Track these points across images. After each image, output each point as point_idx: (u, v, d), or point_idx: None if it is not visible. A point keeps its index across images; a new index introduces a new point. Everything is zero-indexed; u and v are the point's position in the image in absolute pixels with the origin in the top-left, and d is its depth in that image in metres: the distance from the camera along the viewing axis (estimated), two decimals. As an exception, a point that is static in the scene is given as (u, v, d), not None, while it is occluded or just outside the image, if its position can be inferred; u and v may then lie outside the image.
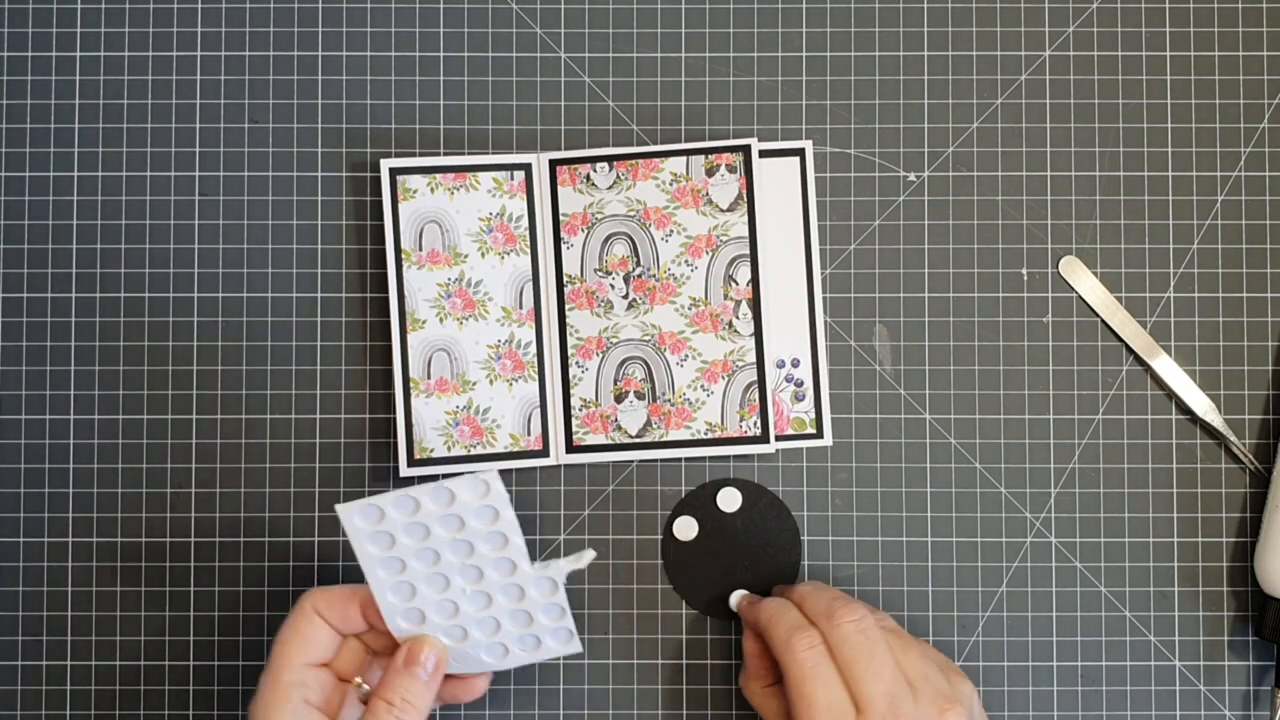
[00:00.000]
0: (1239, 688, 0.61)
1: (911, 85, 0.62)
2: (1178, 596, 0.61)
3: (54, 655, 0.61)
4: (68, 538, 0.61)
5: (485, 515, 0.52)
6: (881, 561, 0.61)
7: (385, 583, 0.53)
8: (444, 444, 0.60)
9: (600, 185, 0.61)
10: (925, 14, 0.62)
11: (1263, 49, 0.62)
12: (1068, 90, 0.62)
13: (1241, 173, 0.62)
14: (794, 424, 0.61)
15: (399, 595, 0.53)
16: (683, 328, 0.61)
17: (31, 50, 0.62)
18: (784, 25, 0.62)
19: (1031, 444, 0.61)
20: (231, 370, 0.62)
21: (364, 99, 0.62)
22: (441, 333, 0.61)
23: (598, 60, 0.62)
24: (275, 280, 0.62)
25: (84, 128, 0.62)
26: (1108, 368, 0.62)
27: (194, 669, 0.61)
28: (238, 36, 0.62)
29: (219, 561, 0.61)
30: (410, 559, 0.52)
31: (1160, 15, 0.62)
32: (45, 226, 0.62)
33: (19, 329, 0.62)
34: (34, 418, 0.61)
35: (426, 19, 0.62)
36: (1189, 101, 0.62)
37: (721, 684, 0.61)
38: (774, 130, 0.62)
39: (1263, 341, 0.62)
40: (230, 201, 0.62)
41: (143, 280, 0.62)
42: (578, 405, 0.61)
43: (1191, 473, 0.61)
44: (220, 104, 0.62)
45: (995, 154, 0.62)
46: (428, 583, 0.53)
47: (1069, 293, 0.62)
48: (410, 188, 0.61)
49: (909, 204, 0.62)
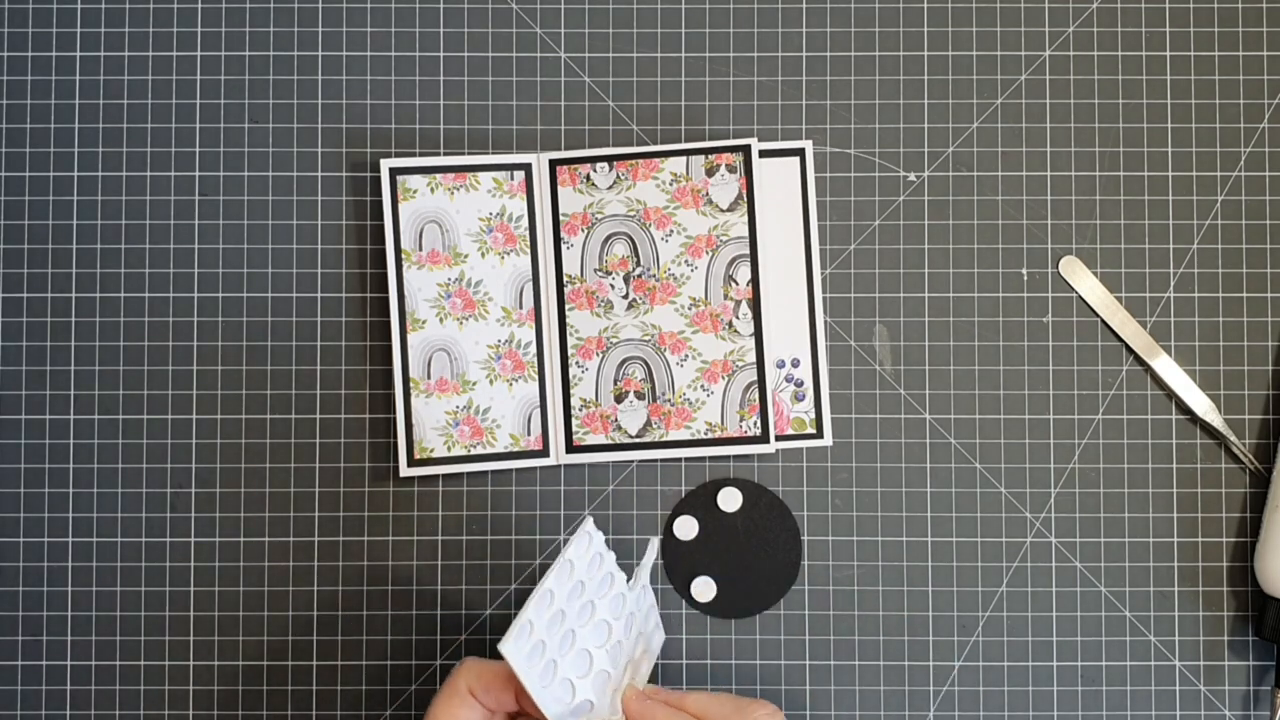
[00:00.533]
0: (1239, 688, 0.61)
1: (911, 85, 0.62)
2: (1178, 596, 0.61)
3: (54, 655, 0.61)
4: (68, 538, 0.61)
5: (595, 567, 0.52)
6: (881, 561, 0.61)
7: (551, 696, 0.51)
8: (444, 444, 0.60)
9: (600, 185, 0.61)
10: (925, 14, 0.62)
11: (1263, 49, 0.62)
12: (1068, 90, 0.62)
13: (1241, 173, 0.62)
14: (794, 424, 0.61)
15: (561, 703, 0.51)
16: (683, 328, 0.61)
17: (31, 50, 0.62)
18: (784, 25, 0.62)
19: (1031, 444, 0.61)
20: (231, 370, 0.62)
21: (364, 99, 0.62)
22: (441, 333, 0.61)
23: (598, 60, 0.62)
24: (275, 280, 0.62)
25: (84, 128, 0.62)
26: (1108, 368, 0.62)
27: (194, 669, 0.61)
28: (238, 36, 0.62)
29: (219, 561, 0.61)
30: (557, 656, 0.51)
31: (1160, 15, 0.62)
32: (45, 226, 0.62)
33: (19, 329, 0.62)
34: (34, 418, 0.61)
35: (426, 19, 0.62)
36: (1189, 101, 0.62)
37: (723, 684, 0.61)
38: (774, 130, 0.62)
39: (1263, 341, 0.62)
40: (230, 201, 0.62)
41: (143, 280, 0.62)
42: (578, 405, 0.61)
43: (1191, 473, 0.61)
44: (220, 104, 0.62)
45: (995, 154, 0.62)
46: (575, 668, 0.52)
47: (1069, 293, 0.62)
48: (410, 188, 0.61)
49: (909, 204, 0.62)
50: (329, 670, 0.61)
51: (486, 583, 0.61)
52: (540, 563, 0.61)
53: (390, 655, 0.61)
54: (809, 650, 0.61)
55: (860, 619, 0.61)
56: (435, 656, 0.61)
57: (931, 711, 0.61)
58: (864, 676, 0.61)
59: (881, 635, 0.61)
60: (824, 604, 0.61)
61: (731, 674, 0.61)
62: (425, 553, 0.61)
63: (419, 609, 0.61)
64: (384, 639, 0.61)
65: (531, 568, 0.61)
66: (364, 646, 0.61)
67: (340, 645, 0.61)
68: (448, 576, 0.61)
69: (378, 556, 0.61)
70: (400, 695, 0.61)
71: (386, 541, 0.61)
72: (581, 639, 0.52)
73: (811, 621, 0.61)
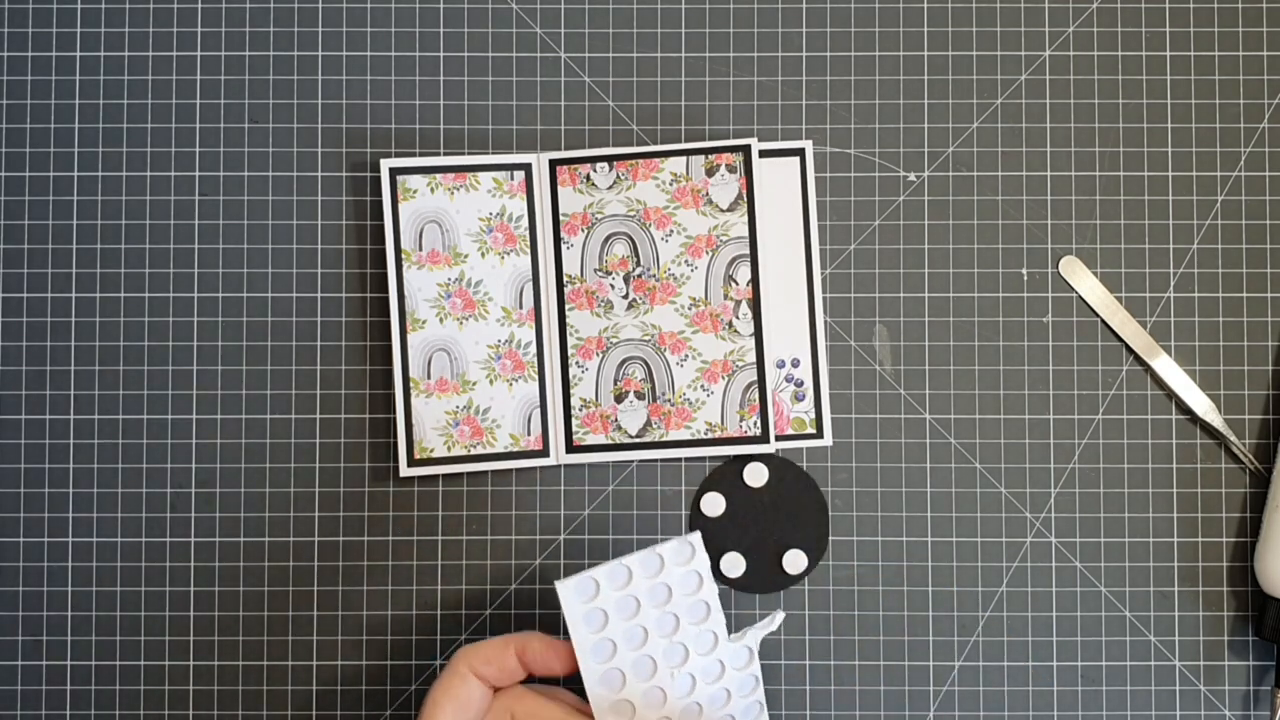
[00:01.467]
0: (1239, 688, 0.61)
1: (911, 85, 0.62)
2: (1178, 596, 0.61)
3: (54, 655, 0.61)
4: (68, 538, 0.61)
5: (690, 582, 0.52)
6: (881, 561, 0.61)
7: (596, 673, 0.51)
8: (444, 444, 0.60)
9: (600, 185, 0.61)
10: (925, 14, 0.62)
11: (1263, 49, 0.62)
12: (1068, 90, 0.62)
13: (1241, 173, 0.62)
14: (794, 424, 0.61)
15: (608, 686, 0.52)
16: (683, 328, 0.61)
17: (31, 50, 0.62)
18: (784, 25, 0.62)
19: (1031, 444, 0.61)
20: (231, 370, 0.62)
21: (364, 99, 0.62)
22: (441, 333, 0.61)
23: (598, 60, 0.62)
24: (275, 280, 0.62)
25: (84, 128, 0.62)
26: (1108, 368, 0.62)
27: (194, 669, 0.61)
28: (238, 36, 0.62)
29: (219, 561, 0.61)
30: (620, 640, 0.51)
31: (1160, 15, 0.62)
32: (45, 226, 0.62)
33: (19, 329, 0.62)
34: (34, 418, 0.61)
35: (426, 19, 0.62)
36: (1189, 101, 0.62)
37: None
38: (774, 130, 0.62)
39: (1263, 341, 0.62)
40: (230, 201, 0.62)
41: (143, 280, 0.62)
42: (578, 405, 0.61)
43: (1191, 473, 0.61)
44: (220, 104, 0.62)
45: (995, 154, 0.62)
46: (635, 669, 0.52)
47: (1069, 293, 0.62)
48: (410, 188, 0.61)
49: (909, 204, 0.62)
50: (329, 670, 0.61)
51: (486, 583, 0.61)
52: (540, 563, 0.61)
53: (390, 655, 0.61)
54: (809, 650, 0.61)
55: (860, 619, 0.61)
56: (435, 656, 0.61)
57: (931, 711, 0.61)
58: (864, 676, 0.61)
59: (881, 635, 0.61)
60: (824, 604, 0.61)
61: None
62: (425, 553, 0.61)
63: (419, 609, 0.61)
64: (384, 639, 0.61)
65: (531, 568, 0.61)
66: (364, 646, 0.61)
67: (340, 645, 0.61)
68: (448, 576, 0.61)
69: (378, 556, 0.61)
70: (400, 695, 0.61)
71: (386, 541, 0.61)
72: (652, 645, 0.51)
73: (811, 621, 0.61)
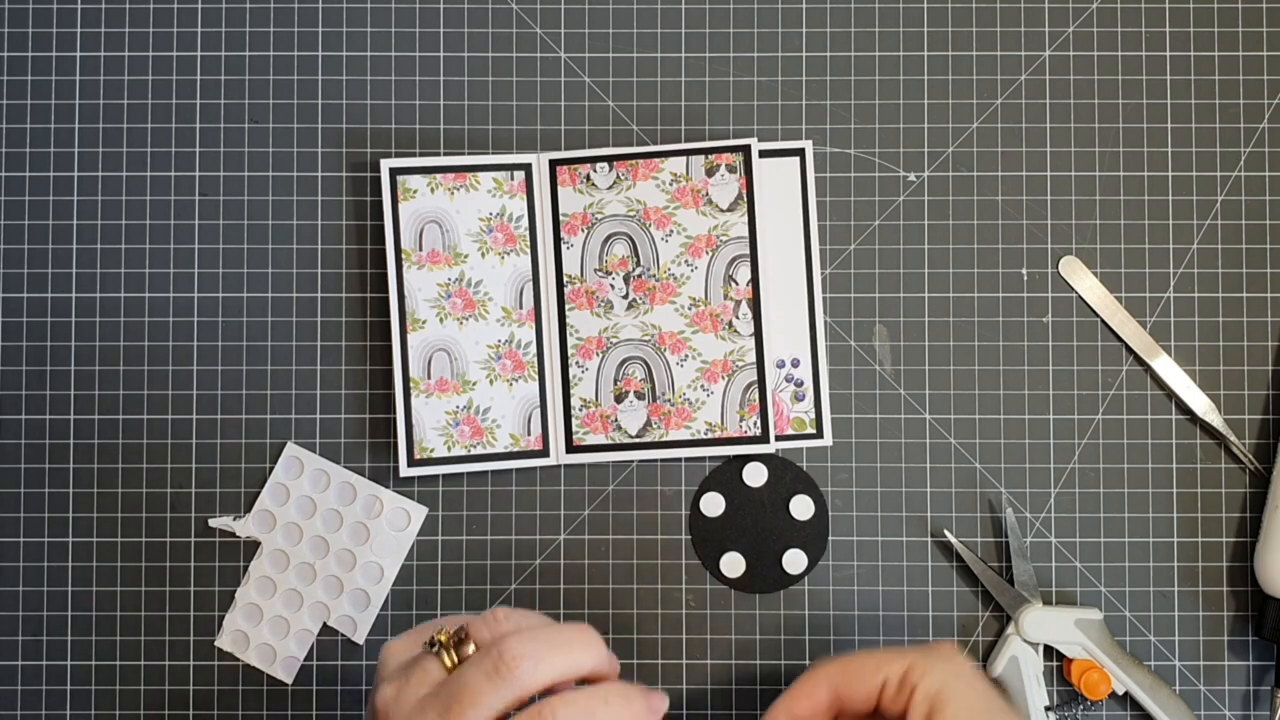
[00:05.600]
0: (1239, 688, 0.61)
1: (911, 85, 0.62)
2: (1178, 596, 0.61)
3: (54, 655, 0.61)
4: (68, 538, 0.61)
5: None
6: (881, 561, 0.61)
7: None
8: (444, 444, 0.60)
9: (600, 185, 0.61)
10: (925, 14, 0.62)
11: (1263, 49, 0.62)
12: (1068, 90, 0.62)
13: (1241, 173, 0.62)
14: (794, 424, 0.61)
15: None
16: (683, 328, 0.61)
17: (31, 50, 0.62)
18: (784, 25, 0.62)
19: (1031, 444, 0.61)
20: (232, 370, 0.62)
21: (364, 99, 0.62)
22: (441, 333, 0.61)
23: (598, 60, 0.62)
24: (275, 280, 0.62)
25: (84, 128, 0.62)
26: (1108, 368, 0.62)
27: (194, 669, 0.61)
28: (238, 36, 0.62)
29: (218, 561, 0.61)
30: None
31: (1160, 15, 0.62)
32: (45, 226, 0.62)
33: (19, 329, 0.62)
34: (34, 418, 0.61)
35: (426, 19, 0.62)
36: (1189, 101, 0.62)
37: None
38: (774, 130, 0.62)
39: (1263, 341, 0.62)
40: (230, 201, 0.62)
41: (143, 280, 0.62)
42: (578, 405, 0.61)
43: (1191, 473, 0.61)
44: (220, 104, 0.62)
45: (995, 154, 0.62)
46: None
47: (1069, 293, 0.62)
48: (410, 188, 0.61)
49: (909, 204, 0.62)
50: (329, 670, 0.61)
51: (486, 583, 0.61)
52: (540, 563, 0.61)
53: (390, 655, 0.61)
54: (809, 650, 0.61)
55: (860, 619, 0.61)
56: (435, 656, 0.61)
57: (931, 711, 0.61)
58: (864, 676, 0.61)
59: (882, 635, 0.61)
60: (824, 604, 0.61)
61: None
62: (425, 553, 0.61)
63: (419, 609, 0.61)
64: (384, 639, 0.61)
65: (531, 567, 0.61)
66: (364, 646, 0.61)
67: (340, 645, 0.61)
68: (448, 576, 0.61)
69: (378, 556, 0.61)
70: (400, 695, 0.61)
71: (386, 541, 0.61)
72: None
73: (811, 621, 0.61)
